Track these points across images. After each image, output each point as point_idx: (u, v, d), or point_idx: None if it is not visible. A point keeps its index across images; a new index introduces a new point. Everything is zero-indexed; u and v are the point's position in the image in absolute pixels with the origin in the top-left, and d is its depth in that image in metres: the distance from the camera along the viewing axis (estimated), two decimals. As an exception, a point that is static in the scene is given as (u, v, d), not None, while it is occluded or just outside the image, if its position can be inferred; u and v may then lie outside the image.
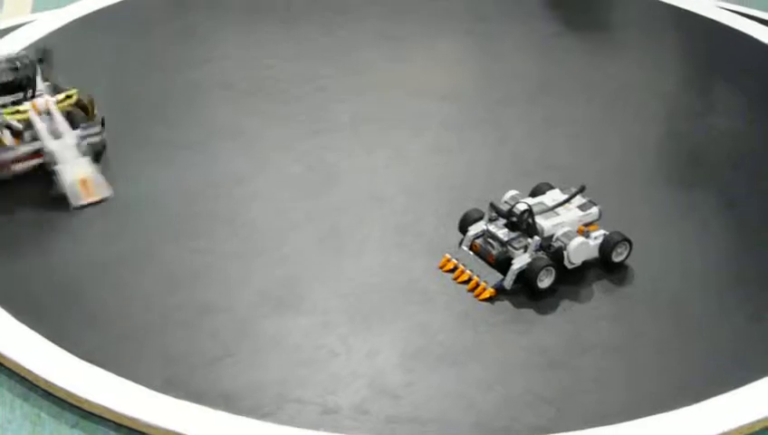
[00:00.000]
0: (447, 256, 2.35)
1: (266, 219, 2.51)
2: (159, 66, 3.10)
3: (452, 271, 2.32)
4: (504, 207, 2.35)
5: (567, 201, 2.36)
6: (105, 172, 2.59)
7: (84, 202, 2.52)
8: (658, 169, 2.71)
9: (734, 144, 2.79)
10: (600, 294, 2.29)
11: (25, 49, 2.92)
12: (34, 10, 3.41)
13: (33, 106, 2.59)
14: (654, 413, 2.01)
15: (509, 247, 2.29)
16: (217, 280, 2.32)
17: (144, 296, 2.27)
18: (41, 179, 2.57)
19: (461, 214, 2.40)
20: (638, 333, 2.20)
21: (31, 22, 3.27)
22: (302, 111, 2.91)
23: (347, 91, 3.01)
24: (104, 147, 2.67)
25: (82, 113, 2.67)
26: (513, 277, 2.26)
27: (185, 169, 2.66)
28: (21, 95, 2.63)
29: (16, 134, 2.60)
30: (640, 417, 2.00)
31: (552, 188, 2.42)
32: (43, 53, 2.73)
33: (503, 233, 2.31)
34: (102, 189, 2.56)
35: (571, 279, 2.30)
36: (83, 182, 2.53)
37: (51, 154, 2.55)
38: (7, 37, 3.19)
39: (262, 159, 2.71)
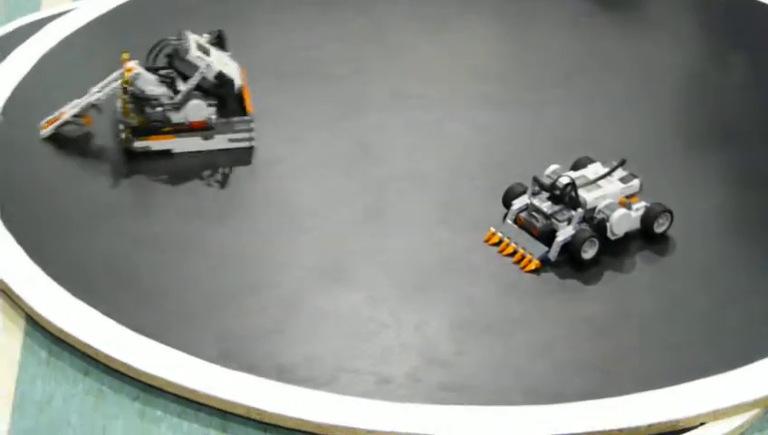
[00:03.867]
0: (492, 229, 2.39)
1: (309, 197, 2.56)
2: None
3: (497, 244, 2.37)
4: (547, 181, 2.39)
5: (609, 174, 2.40)
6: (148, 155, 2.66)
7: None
8: (696, 143, 2.74)
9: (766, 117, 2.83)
10: (642, 264, 2.34)
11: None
12: (73, -1, 3.46)
13: None
14: (697, 378, 2.05)
15: (553, 220, 2.33)
16: (264, 258, 2.37)
17: (194, 275, 2.32)
18: (95, 159, 2.65)
19: (503, 189, 2.45)
20: (680, 302, 2.25)
21: (72, 10, 3.32)
22: (343, 91, 2.94)
23: (385, 71, 3.04)
24: None
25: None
26: (558, 249, 2.31)
27: (229, 151, 2.71)
28: None
29: None
30: (684, 382, 2.04)
31: (592, 161, 2.47)
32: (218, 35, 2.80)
33: (546, 206, 2.35)
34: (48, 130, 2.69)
35: (614, 250, 2.35)
36: None
37: None
38: (48, 26, 3.24)
39: (304, 139, 2.76)
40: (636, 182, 2.41)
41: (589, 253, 2.31)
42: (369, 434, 1.97)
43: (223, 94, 2.68)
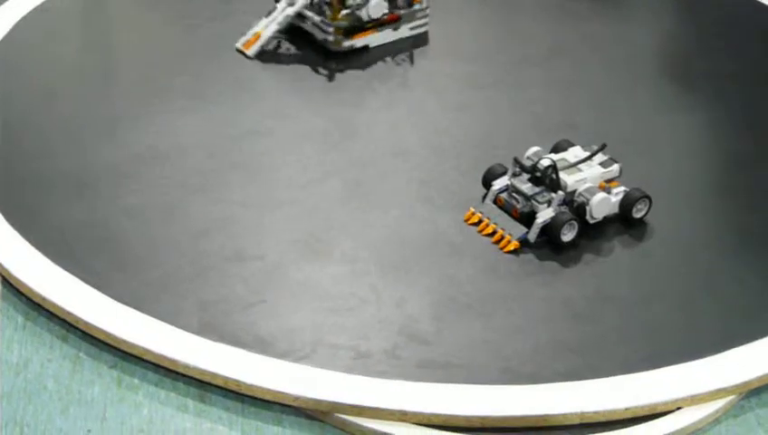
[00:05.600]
0: (472, 209, 2.40)
1: (291, 172, 2.56)
2: (182, 20, 3.13)
3: (476, 224, 2.38)
4: (528, 163, 2.40)
5: (589, 158, 2.42)
6: (129, 122, 2.65)
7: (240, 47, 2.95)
8: (677, 128, 2.76)
9: (746, 102, 2.85)
10: (620, 248, 2.36)
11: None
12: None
13: None
14: (675, 363, 2.07)
15: (533, 202, 2.35)
16: (246, 229, 2.37)
17: (176, 244, 2.32)
18: (79, 133, 2.64)
19: (483, 169, 2.46)
20: (657, 287, 2.27)
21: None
22: (324, 70, 2.95)
23: (366, 51, 3.04)
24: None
25: None
26: (538, 231, 2.33)
27: (208, 122, 2.70)
28: None
29: None
30: (662, 366, 2.06)
31: (572, 145, 2.48)
32: None
33: (527, 187, 2.37)
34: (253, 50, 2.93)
35: (593, 233, 2.37)
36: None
37: None
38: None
39: (284, 114, 2.76)
40: (616, 167, 2.42)
41: (568, 235, 2.33)
42: (347, 408, 1.98)
43: None
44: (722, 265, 2.32)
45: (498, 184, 2.41)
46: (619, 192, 2.40)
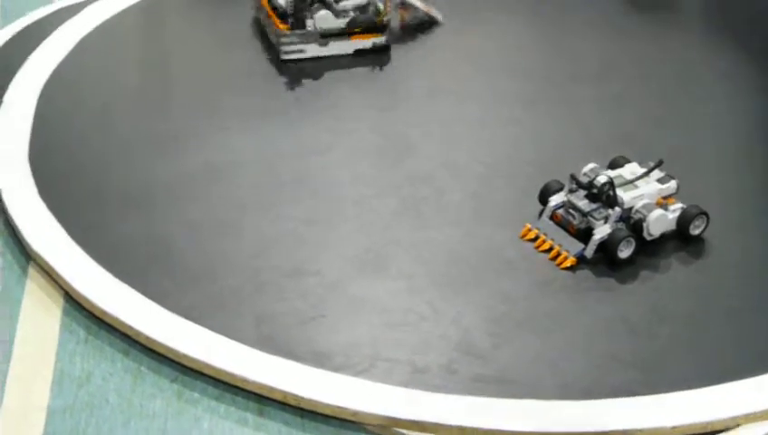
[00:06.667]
0: (528, 225, 2.41)
1: (348, 188, 2.58)
2: (237, 42, 3.17)
3: (533, 240, 2.39)
4: (584, 179, 2.41)
5: (646, 174, 2.42)
6: (190, 139, 2.69)
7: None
8: (732, 145, 2.76)
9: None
10: (677, 265, 2.35)
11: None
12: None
13: None
14: (730, 380, 2.07)
15: (590, 218, 2.35)
16: (304, 245, 2.39)
17: (234, 260, 2.35)
18: (138, 151, 2.69)
19: (536, 185, 2.47)
20: (714, 304, 2.26)
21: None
22: (382, 86, 2.98)
23: (420, 67, 3.07)
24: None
25: None
26: (595, 247, 2.33)
27: (263, 139, 2.73)
28: None
29: None
30: (718, 383, 2.06)
31: (628, 161, 2.48)
32: None
33: (583, 204, 2.37)
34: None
35: (650, 250, 2.36)
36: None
37: None
38: (86, 10, 3.26)
39: (342, 131, 2.78)
40: (673, 183, 2.42)
41: (625, 252, 2.33)
42: (406, 423, 1.99)
43: None
44: (780, 282, 2.32)
45: (555, 200, 2.42)
46: (676, 209, 2.40)
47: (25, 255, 2.36)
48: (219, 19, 3.28)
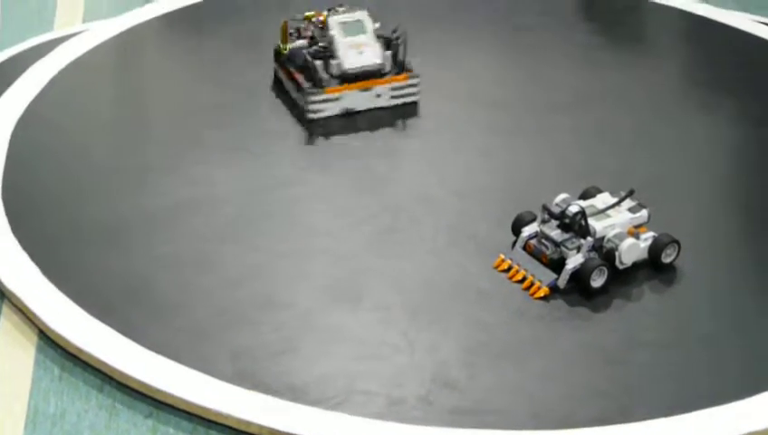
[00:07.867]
0: (502, 256, 2.42)
1: (320, 219, 2.58)
2: (210, 73, 3.18)
3: (506, 271, 2.40)
4: (556, 210, 2.42)
5: (618, 204, 2.43)
6: (163, 173, 2.69)
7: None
8: (704, 174, 2.78)
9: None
10: (650, 293, 2.37)
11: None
12: (85, 20, 3.49)
13: None
14: (706, 407, 2.08)
15: (562, 248, 2.36)
16: (277, 277, 2.39)
17: (208, 293, 2.34)
18: (113, 185, 2.69)
19: (511, 216, 2.48)
20: (689, 331, 2.27)
21: (83, 32, 3.35)
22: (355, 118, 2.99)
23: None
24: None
25: None
26: (567, 277, 2.34)
27: (239, 171, 2.74)
28: None
29: None
30: (696, 410, 2.07)
31: (600, 191, 2.50)
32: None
33: (556, 234, 2.38)
34: None
35: (623, 279, 2.38)
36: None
37: None
38: (60, 47, 3.27)
39: (311, 161, 2.79)
40: (644, 212, 2.44)
41: (598, 281, 2.34)
42: (382, 455, 1.99)
43: None
44: (752, 309, 2.33)
45: (527, 231, 2.43)
46: (647, 238, 2.41)
47: (-1, 293, 2.36)
48: (202, 50, 3.29)
